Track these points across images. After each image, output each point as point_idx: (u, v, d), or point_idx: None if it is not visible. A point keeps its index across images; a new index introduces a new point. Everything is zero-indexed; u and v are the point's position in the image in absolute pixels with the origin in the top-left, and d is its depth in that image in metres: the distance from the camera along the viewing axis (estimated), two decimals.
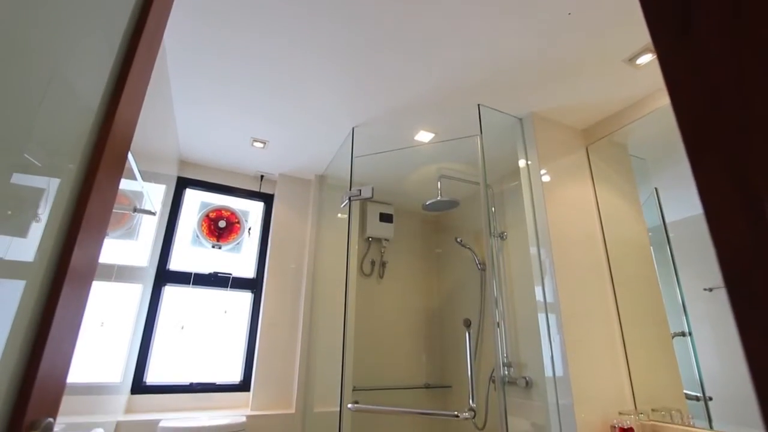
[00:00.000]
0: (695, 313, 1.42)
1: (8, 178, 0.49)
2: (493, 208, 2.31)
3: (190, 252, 2.27)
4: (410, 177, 2.45)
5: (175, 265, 2.21)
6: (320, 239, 2.43)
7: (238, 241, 2.31)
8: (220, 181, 2.43)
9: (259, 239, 2.46)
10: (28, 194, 0.53)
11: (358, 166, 1.97)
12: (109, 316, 1.50)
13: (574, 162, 1.84)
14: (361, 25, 1.33)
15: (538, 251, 1.66)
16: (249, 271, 2.39)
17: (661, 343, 1.52)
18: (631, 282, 1.65)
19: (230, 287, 2.27)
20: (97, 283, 1.27)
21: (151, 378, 2.01)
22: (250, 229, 2.41)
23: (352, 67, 1.53)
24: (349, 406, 1.59)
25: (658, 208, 1.60)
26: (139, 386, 1.96)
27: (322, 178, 2.54)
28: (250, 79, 1.64)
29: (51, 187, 0.57)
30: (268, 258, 2.33)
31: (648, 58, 1.45)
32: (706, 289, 1.40)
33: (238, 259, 2.38)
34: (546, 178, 1.72)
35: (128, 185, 1.43)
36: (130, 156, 1.26)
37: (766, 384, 0.23)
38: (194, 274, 2.21)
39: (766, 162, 0.25)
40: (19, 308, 0.51)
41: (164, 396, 1.99)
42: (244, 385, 2.17)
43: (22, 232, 0.52)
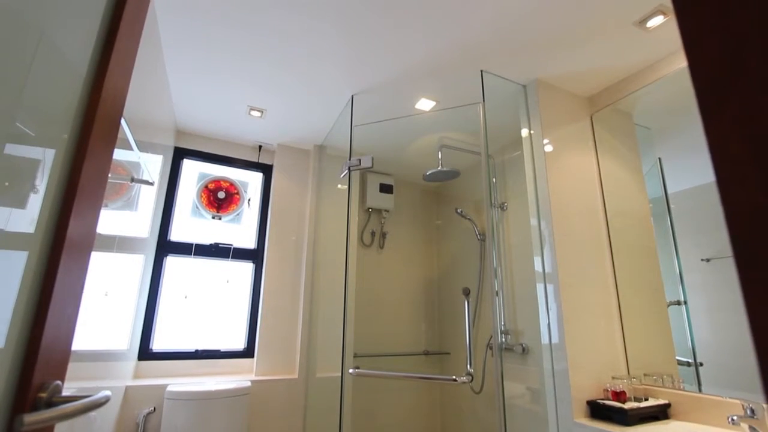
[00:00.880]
0: (691, 283, 1.44)
1: (2, 149, 0.48)
2: (494, 179, 2.29)
3: (191, 223, 2.27)
4: (411, 147, 2.42)
5: (176, 236, 2.22)
6: (320, 210, 2.43)
7: (237, 212, 2.30)
8: (218, 152, 2.40)
9: (259, 210, 2.46)
10: (24, 165, 0.53)
11: (358, 135, 1.94)
12: (113, 286, 1.52)
13: (577, 131, 1.80)
14: None
15: (539, 222, 1.66)
16: (250, 242, 2.40)
17: (656, 311, 1.54)
18: (630, 252, 1.66)
19: (231, 258, 2.29)
20: (100, 253, 1.28)
21: (157, 345, 2.07)
22: (250, 200, 2.41)
23: (351, 32, 1.47)
24: (350, 371, 1.64)
25: (661, 179, 1.58)
26: (146, 353, 2.02)
27: (322, 149, 2.50)
28: (245, 46, 1.58)
29: (47, 158, 0.57)
30: (269, 229, 2.33)
31: (659, 21, 1.38)
32: (703, 260, 1.41)
33: (239, 230, 2.39)
34: (548, 147, 1.69)
35: (125, 156, 1.42)
36: (125, 126, 1.23)
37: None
38: (195, 244, 2.22)
39: None
40: (23, 279, 0.52)
41: (170, 362, 2.05)
42: (247, 352, 2.23)
43: (21, 204, 0.52)
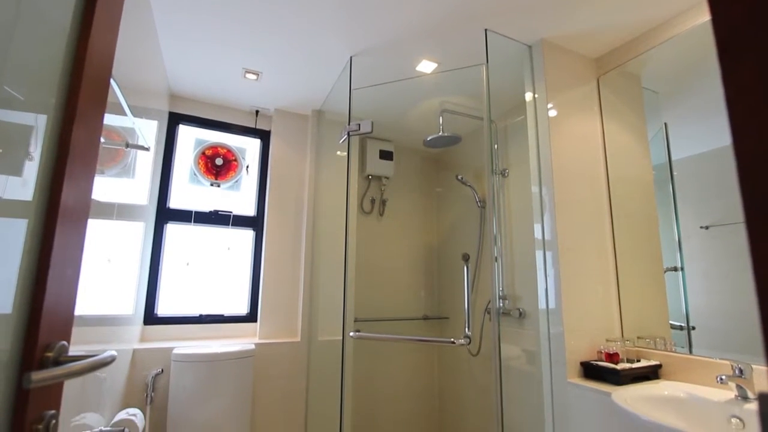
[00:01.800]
0: (689, 250, 1.45)
1: None
2: (495, 145, 2.26)
3: (189, 190, 2.26)
4: (411, 112, 2.36)
5: (175, 203, 2.21)
6: (319, 177, 2.41)
7: (236, 179, 2.28)
8: (214, 117, 2.35)
9: (257, 177, 2.43)
10: (17, 131, 0.52)
11: (357, 100, 1.88)
12: (116, 253, 1.54)
13: (583, 95, 1.75)
14: None
15: (540, 189, 1.64)
16: (249, 209, 2.40)
17: (653, 277, 1.56)
18: (630, 219, 1.66)
19: (231, 225, 2.30)
20: (100, 221, 1.29)
21: (162, 310, 2.11)
22: (248, 167, 2.38)
23: None
24: (351, 334, 1.68)
25: (665, 145, 1.56)
26: (151, 318, 2.07)
27: (320, 114, 2.44)
28: (238, 4, 1.50)
29: (39, 124, 0.56)
30: (268, 196, 2.32)
31: None
32: (702, 227, 1.41)
33: (238, 197, 2.38)
34: (552, 112, 1.65)
35: (118, 121, 1.39)
36: (118, 90, 1.20)
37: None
38: (195, 212, 2.22)
39: None
40: (25, 246, 0.52)
41: (175, 327, 2.10)
42: (251, 317, 2.29)
43: (17, 171, 0.52)
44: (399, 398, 2.63)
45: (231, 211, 2.30)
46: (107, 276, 1.43)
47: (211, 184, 2.22)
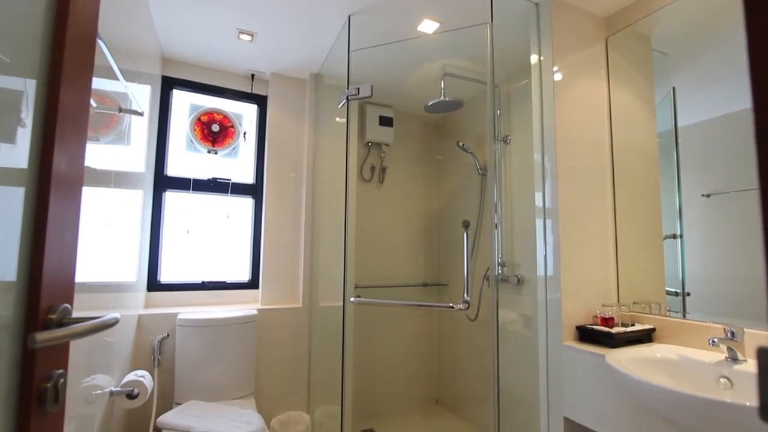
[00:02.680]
0: (689, 218, 1.45)
1: None
2: (498, 111, 2.20)
3: (187, 158, 2.23)
4: (412, 76, 2.29)
5: (172, 170, 2.19)
6: (318, 144, 2.37)
7: (233, 146, 2.25)
8: (208, 81, 2.28)
9: (255, 144, 2.39)
10: (7, 97, 0.51)
11: (356, 63, 1.82)
12: (116, 221, 1.54)
13: (590, 56, 1.69)
14: None
15: (542, 156, 1.62)
16: (248, 177, 2.38)
17: (652, 244, 1.57)
18: (632, 186, 1.65)
19: (230, 193, 2.28)
20: (98, 189, 1.28)
21: (165, 278, 2.14)
22: (245, 134, 2.33)
23: None
24: (352, 299, 1.71)
25: (672, 111, 1.52)
26: (155, 284, 2.10)
27: (318, 77, 2.37)
28: None
29: (29, 89, 0.54)
30: (266, 163, 2.29)
31: None
32: (704, 195, 1.40)
33: (236, 164, 2.35)
34: (558, 76, 1.60)
35: (111, 86, 1.36)
36: (107, 52, 1.15)
37: None
38: (193, 180, 2.20)
39: None
40: (24, 215, 0.52)
41: (179, 293, 2.13)
42: (253, 283, 2.32)
43: (11, 139, 0.52)
44: (399, 362, 2.72)
45: (230, 179, 2.28)
46: (109, 243, 1.44)
47: (209, 151, 2.19)
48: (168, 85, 2.19)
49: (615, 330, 1.39)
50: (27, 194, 0.53)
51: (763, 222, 0.23)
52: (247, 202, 2.36)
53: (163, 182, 2.15)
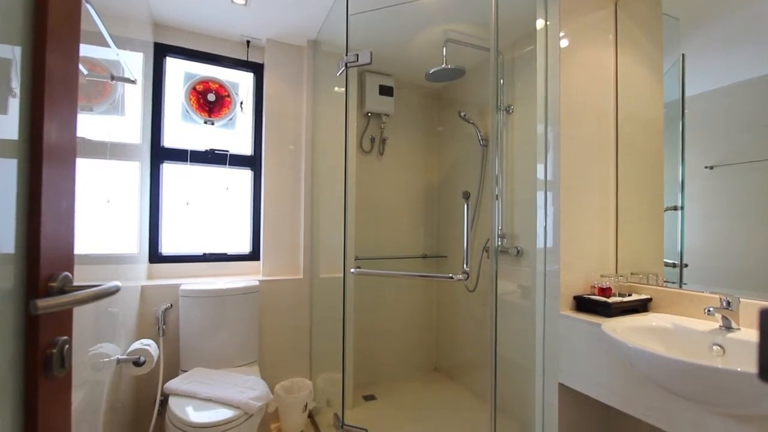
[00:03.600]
0: (691, 190, 1.44)
1: None
2: (501, 80, 2.14)
3: (183, 129, 2.19)
4: (413, 42, 2.21)
5: (169, 142, 2.15)
6: (317, 114, 2.32)
7: (230, 117, 2.20)
8: (202, 49, 2.20)
9: (252, 114, 2.35)
10: None
11: (355, 27, 1.75)
12: (114, 192, 1.53)
13: (598, 21, 1.62)
14: None
15: (545, 127, 1.59)
16: (246, 148, 2.34)
17: (652, 215, 1.57)
18: (636, 157, 1.63)
19: (229, 165, 2.26)
20: (94, 160, 1.27)
21: (166, 250, 2.15)
22: (242, 103, 2.28)
23: None
24: (352, 270, 1.73)
25: (680, 79, 1.48)
26: (156, 256, 2.11)
27: (316, 44, 2.29)
28: None
29: (16, 56, 0.53)
30: (264, 134, 2.26)
31: None
32: (707, 167, 1.39)
33: (234, 135, 2.31)
34: (564, 42, 1.54)
35: (102, 53, 1.32)
36: (97, 17, 1.11)
37: None
38: (190, 151, 2.17)
39: None
40: (18, 186, 0.52)
41: (180, 265, 2.15)
42: (253, 255, 2.34)
43: (2, 109, 0.51)
44: (398, 332, 2.78)
45: (227, 151, 2.25)
46: (109, 215, 1.44)
47: (205, 122, 2.14)
48: (161, 53, 2.12)
49: (612, 300, 1.41)
50: (20, 165, 0.53)
51: None
52: (246, 174, 2.34)
53: (160, 154, 2.12)
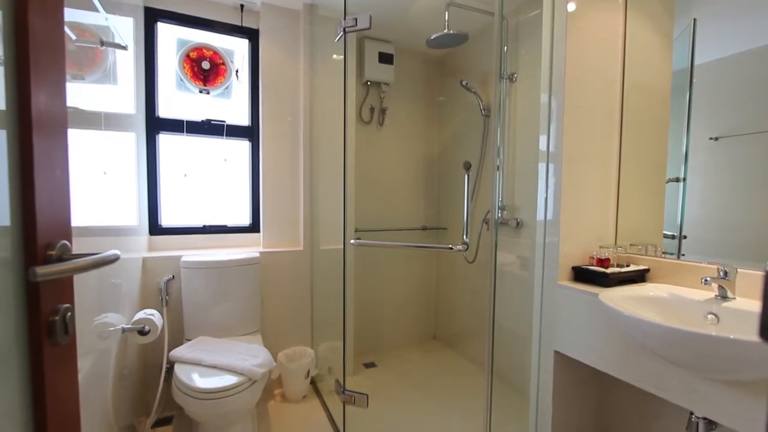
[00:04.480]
0: (694, 161, 1.43)
1: None
2: (505, 47, 2.07)
3: (178, 98, 2.14)
4: (413, 6, 2.12)
5: (164, 112, 2.11)
6: (315, 83, 2.26)
7: (226, 85, 2.14)
8: (194, 13, 2.11)
9: (249, 83, 2.28)
10: None
11: None
12: (111, 164, 1.52)
13: None
14: None
15: (549, 96, 1.55)
16: (243, 119, 2.30)
17: (654, 187, 1.56)
18: (640, 128, 1.60)
19: (226, 135, 2.22)
20: (89, 131, 1.25)
21: (166, 222, 2.15)
22: (238, 72, 2.22)
23: None
24: (352, 241, 1.73)
25: (690, 46, 1.43)
26: (156, 228, 2.11)
27: (312, 8, 2.20)
28: None
29: None
30: (261, 104, 2.21)
31: None
32: (711, 138, 1.36)
33: (230, 105, 2.26)
34: (572, 6, 1.48)
35: (90, 18, 1.28)
36: None
37: None
38: (186, 121, 2.13)
39: None
40: (9, 156, 0.51)
41: (181, 237, 2.16)
42: (254, 227, 2.34)
43: None
44: (398, 302, 2.83)
45: (224, 121, 2.21)
46: (107, 187, 1.43)
47: (200, 91, 2.09)
48: (152, 17, 2.04)
49: (610, 270, 1.42)
50: (9, 135, 0.52)
51: None
52: (244, 145, 2.31)
53: (156, 124, 2.08)
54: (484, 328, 1.49)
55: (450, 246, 1.53)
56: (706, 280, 1.20)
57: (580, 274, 1.50)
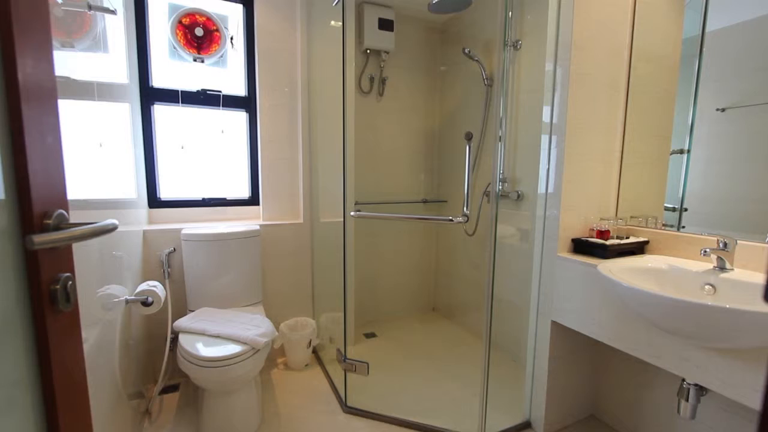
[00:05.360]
0: (699, 133, 1.40)
1: None
2: (510, 12, 1.99)
3: (172, 68, 2.07)
4: None
5: (158, 82, 2.05)
6: (313, 51, 2.19)
7: (221, 54, 2.08)
8: None
9: (244, 52, 2.21)
10: None
11: None
12: (107, 136, 1.49)
13: None
14: None
15: (554, 64, 1.50)
16: (239, 89, 2.24)
17: (657, 158, 1.54)
18: (647, 98, 1.56)
19: (222, 106, 2.17)
20: (82, 102, 1.22)
21: (165, 195, 2.14)
22: (233, 39, 2.14)
23: None
24: (352, 213, 1.73)
25: (703, 11, 1.37)
26: (155, 201, 2.10)
27: None
28: None
29: None
30: (258, 73, 2.14)
31: None
32: (718, 110, 1.33)
33: (226, 75, 2.20)
34: None
35: None
36: None
37: None
38: (181, 91, 2.07)
39: None
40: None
41: (180, 210, 2.15)
42: (253, 200, 2.33)
43: None
44: (398, 275, 2.86)
45: (220, 91, 2.15)
46: (103, 159, 1.41)
47: (194, 59, 2.03)
48: None
49: (609, 242, 1.43)
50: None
51: None
52: (241, 116, 2.26)
53: (150, 94, 2.03)
54: (483, 300, 1.51)
55: (450, 218, 1.53)
56: (705, 252, 1.21)
57: (580, 246, 1.51)
